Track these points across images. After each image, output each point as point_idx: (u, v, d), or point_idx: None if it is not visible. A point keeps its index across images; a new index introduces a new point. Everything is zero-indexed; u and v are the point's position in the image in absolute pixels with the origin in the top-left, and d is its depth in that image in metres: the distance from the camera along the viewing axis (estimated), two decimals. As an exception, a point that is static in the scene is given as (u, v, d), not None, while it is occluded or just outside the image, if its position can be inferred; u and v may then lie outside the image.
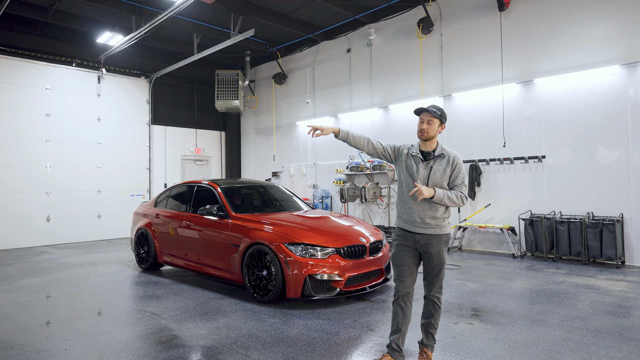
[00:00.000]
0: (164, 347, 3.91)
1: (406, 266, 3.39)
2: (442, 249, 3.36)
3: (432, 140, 3.39)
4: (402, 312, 3.38)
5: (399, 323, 3.38)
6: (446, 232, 3.40)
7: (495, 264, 7.53)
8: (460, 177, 3.36)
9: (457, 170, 3.36)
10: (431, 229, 3.34)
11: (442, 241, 3.37)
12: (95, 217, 11.85)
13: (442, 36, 9.58)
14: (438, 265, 3.35)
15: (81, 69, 11.72)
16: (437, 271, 3.36)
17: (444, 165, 3.36)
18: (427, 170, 3.37)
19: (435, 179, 3.34)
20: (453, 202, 3.32)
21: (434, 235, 3.35)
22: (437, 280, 3.38)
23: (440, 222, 3.36)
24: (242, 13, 9.93)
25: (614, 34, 7.40)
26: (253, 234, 5.50)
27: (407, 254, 3.41)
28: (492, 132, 8.80)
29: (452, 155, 3.39)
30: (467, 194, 3.38)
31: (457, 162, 3.37)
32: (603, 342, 3.84)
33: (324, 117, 12.15)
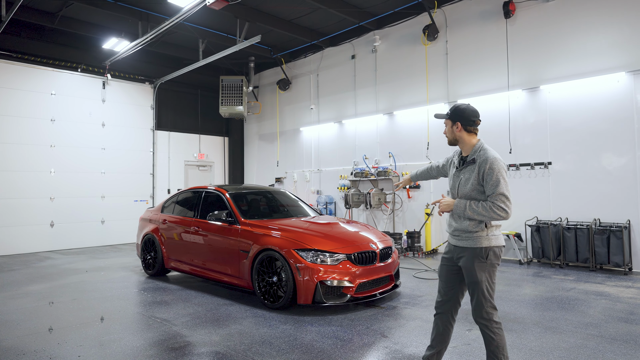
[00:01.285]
0: (178, 353, 3.89)
1: (443, 280, 3.16)
2: (474, 265, 2.89)
3: (460, 143, 3.07)
4: (437, 329, 3.17)
5: (433, 339, 3.18)
6: (480, 245, 2.89)
7: (502, 271, 7.51)
8: (490, 185, 2.83)
9: (488, 176, 2.84)
10: (462, 241, 2.98)
11: (473, 255, 2.91)
12: (99, 223, 11.83)
13: (447, 43, 9.63)
14: (470, 284, 2.94)
15: (86, 75, 11.75)
16: (471, 291, 2.94)
17: (472, 172, 2.94)
18: (458, 178, 3.05)
19: (462, 187, 3.00)
20: (480, 215, 2.83)
21: (466, 248, 2.95)
22: (474, 304, 2.94)
23: (471, 235, 2.93)
24: (248, 19, 9.98)
25: (620, 41, 7.44)
26: (263, 239, 5.49)
27: (446, 266, 3.16)
28: (498, 138, 8.82)
29: (483, 158, 2.90)
30: (505, 204, 2.79)
31: (485, 166, 2.86)
32: (619, 350, 3.83)
33: (328, 122, 12.17)
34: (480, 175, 2.90)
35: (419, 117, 10.13)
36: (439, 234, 9.74)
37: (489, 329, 2.90)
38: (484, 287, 2.89)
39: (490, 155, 2.89)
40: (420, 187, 10.05)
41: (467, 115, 3.02)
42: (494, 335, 2.89)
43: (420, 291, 6.10)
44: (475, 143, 3.02)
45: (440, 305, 3.16)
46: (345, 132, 11.81)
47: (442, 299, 3.16)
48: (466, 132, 3.03)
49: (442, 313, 3.15)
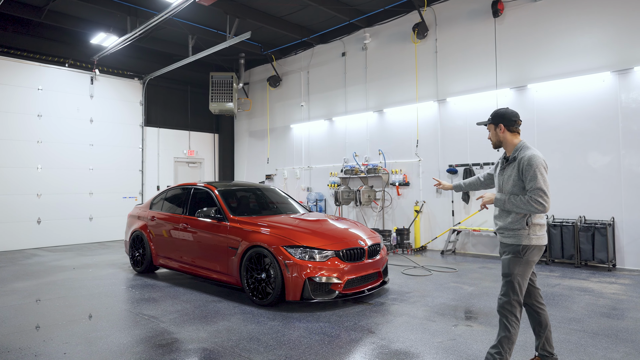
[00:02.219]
0: (165, 350, 3.88)
1: None
2: (509, 258, 3.10)
3: (505, 144, 3.27)
4: (532, 318, 3.29)
5: (534, 329, 3.30)
6: (520, 242, 3.07)
7: (489, 267, 7.61)
8: (529, 179, 2.99)
9: (526, 172, 3.01)
10: (506, 238, 3.16)
11: (513, 251, 3.09)
12: (87, 220, 11.72)
13: (437, 41, 9.68)
14: (503, 274, 3.13)
15: (74, 70, 11.61)
16: (503, 283, 3.12)
17: (513, 170, 3.12)
18: (502, 177, 3.22)
19: (505, 184, 3.17)
20: (518, 207, 3.01)
21: (508, 245, 3.15)
22: (502, 292, 3.11)
23: (514, 232, 3.10)
24: (238, 16, 9.94)
25: (605, 41, 7.55)
26: (251, 236, 5.49)
27: None
28: (487, 136, 8.86)
29: (522, 154, 3.09)
30: (543, 198, 2.93)
31: (523, 163, 3.04)
32: (600, 344, 3.91)
33: (318, 120, 12.18)
34: (520, 171, 3.07)
35: (408, 114, 10.19)
36: (428, 231, 9.82)
37: (508, 321, 3.05)
38: (515, 281, 3.06)
39: (529, 152, 3.07)
40: (410, 185, 10.12)
41: (508, 116, 3.24)
42: (510, 327, 3.04)
43: (409, 287, 6.15)
44: (518, 142, 3.21)
45: (524, 295, 3.25)
46: (336, 130, 11.83)
47: None
48: (509, 132, 3.24)
49: (527, 304, 3.27)
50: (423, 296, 5.68)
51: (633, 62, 7.26)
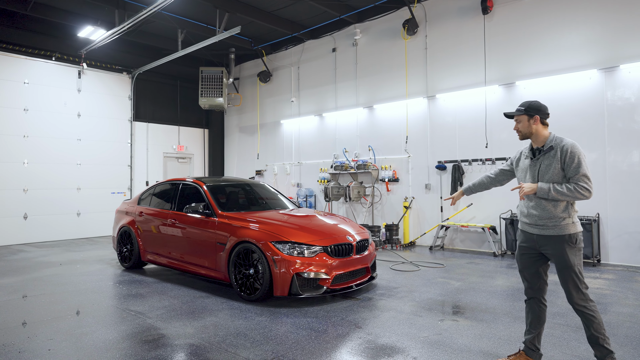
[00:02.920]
0: (151, 346, 3.87)
1: (525, 269, 3.30)
2: (565, 251, 3.05)
3: (535, 136, 3.24)
4: (532, 313, 3.30)
5: (529, 324, 3.31)
6: (568, 232, 3.06)
7: (477, 263, 7.68)
8: (573, 167, 3.02)
9: (569, 160, 3.04)
10: (548, 230, 3.12)
11: (563, 242, 3.06)
12: (75, 215, 11.60)
13: (426, 37, 9.70)
14: (563, 270, 3.07)
15: (61, 64, 11.45)
16: (565, 277, 3.07)
17: (552, 159, 3.13)
18: (537, 167, 3.21)
19: (544, 174, 3.15)
20: (564, 195, 3.01)
21: (552, 237, 3.10)
22: (569, 288, 3.06)
23: (558, 222, 3.08)
24: (228, 10, 9.86)
25: (592, 39, 7.63)
26: (240, 232, 5.48)
27: (526, 255, 3.29)
28: (475, 133, 8.97)
29: (562, 144, 3.11)
30: (588, 184, 2.99)
31: (566, 151, 3.06)
32: (583, 338, 3.96)
33: (308, 115, 12.16)
34: (562, 160, 3.08)
35: (398, 111, 10.21)
36: (417, 227, 9.88)
37: (588, 308, 3.03)
38: (577, 270, 3.06)
39: (569, 141, 3.11)
40: (399, 181, 10.16)
41: (543, 109, 3.25)
42: (593, 314, 3.02)
43: (396, 283, 6.19)
44: (549, 134, 3.23)
45: (529, 292, 3.31)
46: (326, 125, 11.82)
47: (529, 285, 3.31)
48: (542, 124, 3.24)
49: (533, 297, 3.29)
50: (410, 291, 5.72)
51: (619, 60, 7.34)
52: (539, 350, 3.30)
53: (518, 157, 3.44)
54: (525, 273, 3.32)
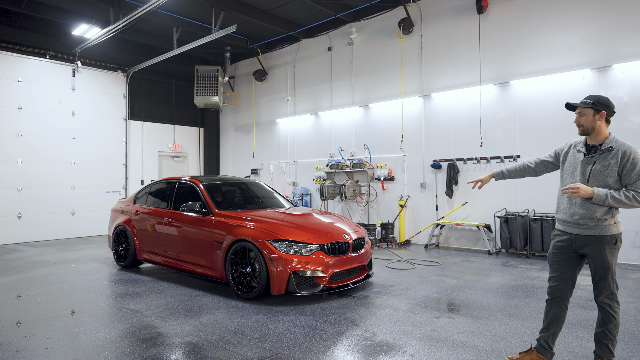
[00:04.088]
0: (149, 344, 3.88)
1: (557, 266, 3.26)
2: (605, 252, 3.04)
3: (595, 132, 3.11)
4: (552, 312, 3.28)
5: (548, 322, 3.29)
6: (609, 233, 3.04)
7: (472, 261, 7.74)
8: (634, 174, 2.94)
9: (631, 166, 2.95)
10: (589, 230, 3.08)
11: (604, 243, 3.04)
12: (69, 214, 11.55)
13: (422, 37, 9.75)
14: (600, 269, 3.07)
15: (55, 62, 11.38)
16: (600, 276, 3.08)
17: (610, 160, 3.02)
18: (590, 165, 3.10)
19: (598, 174, 3.06)
20: (622, 204, 2.97)
21: (593, 237, 3.07)
22: (601, 286, 3.09)
23: (600, 223, 3.05)
24: (224, 8, 9.85)
25: (586, 38, 7.70)
26: (237, 230, 5.49)
27: (561, 254, 3.24)
28: (470, 132, 9.02)
29: (624, 148, 3.00)
30: None
31: (629, 156, 2.96)
32: (576, 334, 4.03)
33: (304, 114, 12.17)
34: (622, 164, 3.00)
35: (393, 109, 10.26)
36: (412, 226, 9.93)
37: (612, 308, 3.07)
38: (613, 270, 3.07)
39: (632, 147, 3.01)
40: (395, 180, 10.21)
41: (612, 106, 3.13)
42: (615, 314, 3.07)
43: (392, 281, 6.23)
44: (609, 134, 3.13)
45: (555, 291, 3.27)
46: (321, 124, 11.84)
47: (556, 284, 3.27)
48: (606, 122, 3.13)
49: (558, 297, 3.26)
50: (406, 289, 5.76)
51: (612, 59, 7.42)
52: (551, 349, 3.30)
53: (567, 150, 3.32)
54: (557, 273, 3.26)
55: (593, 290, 3.17)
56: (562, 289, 3.26)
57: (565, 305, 3.29)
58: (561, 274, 3.26)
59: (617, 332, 3.10)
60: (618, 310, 3.09)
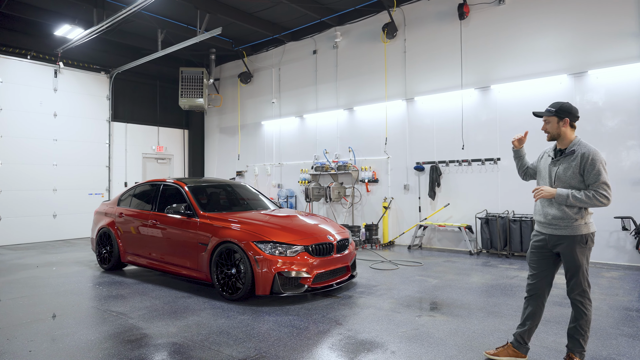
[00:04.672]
0: (134, 345, 3.90)
1: (535, 265, 3.40)
2: (576, 251, 3.19)
3: (561, 138, 3.30)
4: (529, 308, 3.42)
5: (525, 318, 3.43)
6: (580, 232, 3.18)
7: (453, 261, 7.90)
8: (593, 174, 3.11)
9: (590, 166, 3.12)
10: (561, 230, 3.23)
11: (575, 242, 3.19)
12: (51, 217, 11.39)
13: (405, 41, 9.92)
14: (572, 267, 3.22)
15: (37, 62, 11.23)
16: (572, 274, 3.23)
17: (572, 162, 3.21)
18: (555, 168, 3.30)
19: (562, 176, 3.24)
20: (582, 202, 3.11)
21: (565, 237, 3.22)
22: (573, 283, 3.24)
23: (571, 223, 3.19)
24: (209, 11, 9.86)
25: (563, 45, 7.95)
26: (222, 232, 5.53)
27: (538, 253, 3.40)
28: (452, 135, 9.21)
29: (583, 151, 3.17)
30: (607, 192, 3.08)
31: (587, 157, 3.13)
32: (551, 330, 4.18)
33: (289, 117, 12.24)
34: (582, 165, 3.17)
35: (378, 113, 10.40)
36: (396, 227, 10.08)
37: (584, 305, 3.22)
38: (584, 269, 3.22)
39: (591, 148, 3.18)
40: (379, 182, 10.34)
41: (574, 112, 3.30)
42: (586, 311, 3.22)
43: (376, 281, 6.34)
44: (574, 137, 3.30)
45: (533, 289, 3.41)
46: (307, 127, 11.92)
47: (534, 282, 3.41)
48: (570, 127, 3.29)
49: (535, 295, 3.40)
50: (389, 289, 5.87)
51: (588, 65, 7.68)
52: (526, 344, 3.45)
53: (541, 156, 3.55)
54: (535, 271, 3.41)
55: (566, 287, 3.32)
56: (540, 287, 3.41)
57: (542, 302, 3.43)
58: (539, 273, 3.41)
59: (588, 328, 3.25)
60: (590, 307, 3.24)
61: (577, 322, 3.26)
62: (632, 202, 7.25)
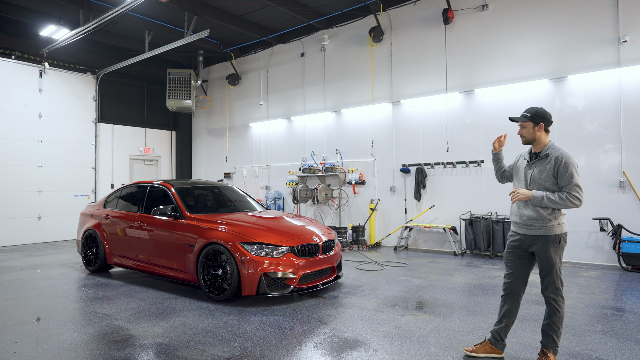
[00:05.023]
0: (120, 346, 3.93)
1: (511, 264, 3.54)
2: (549, 250, 3.32)
3: (536, 142, 3.45)
4: (505, 307, 3.55)
5: (501, 316, 3.56)
6: (553, 232, 3.32)
7: (438, 262, 8.04)
8: (566, 177, 3.25)
9: (563, 169, 3.27)
10: (535, 230, 3.37)
11: (548, 242, 3.33)
12: (35, 219, 11.28)
13: (391, 45, 10.06)
14: (546, 266, 3.34)
15: (21, 62, 11.13)
16: (546, 272, 3.36)
17: (546, 165, 3.35)
18: (530, 171, 3.44)
19: (537, 178, 3.38)
20: (556, 204, 3.25)
21: (539, 237, 3.36)
22: (547, 281, 3.36)
23: (545, 224, 3.33)
24: (197, 13, 9.89)
25: (544, 51, 8.15)
26: (208, 234, 5.58)
27: (514, 253, 3.53)
28: (437, 137, 9.37)
29: (557, 154, 3.32)
30: (579, 194, 3.23)
31: (561, 161, 3.28)
32: (528, 327, 4.32)
33: (277, 119, 12.31)
34: (556, 168, 3.31)
35: (364, 115, 10.52)
36: (383, 228, 10.20)
37: (557, 302, 3.35)
38: (557, 268, 3.35)
39: (564, 152, 3.33)
40: (366, 184, 10.46)
41: (548, 117, 3.44)
42: (559, 307, 3.35)
43: (361, 282, 6.43)
44: (548, 141, 3.45)
45: (510, 287, 3.55)
46: (294, 129, 12.00)
47: (510, 281, 3.55)
48: (545, 132, 3.44)
49: (512, 293, 3.54)
50: (374, 289, 5.97)
51: (567, 71, 7.89)
52: (503, 341, 3.58)
53: (517, 160, 3.70)
54: (511, 270, 3.55)
55: (540, 285, 3.45)
56: (516, 286, 3.54)
57: (518, 300, 3.57)
58: (515, 272, 3.55)
59: (561, 324, 3.38)
60: (562, 304, 3.38)
61: (550, 319, 3.38)
62: (609, 203, 7.47)
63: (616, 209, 7.41)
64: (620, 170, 7.42)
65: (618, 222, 7.29)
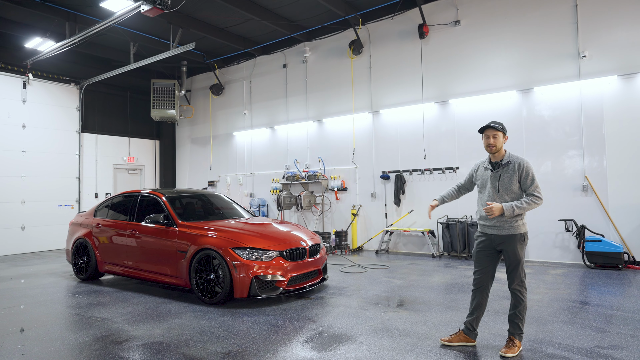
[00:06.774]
0: (123, 346, 4.19)
1: (480, 262, 3.95)
2: (516, 247, 3.76)
3: (499, 152, 3.89)
4: (475, 300, 3.96)
5: (473, 308, 3.96)
6: (519, 231, 3.77)
7: (417, 263, 8.48)
8: (529, 179, 3.74)
9: (526, 174, 3.75)
10: (504, 230, 3.80)
11: (515, 240, 3.77)
12: (19, 229, 11.28)
13: (371, 57, 10.54)
14: (513, 262, 3.78)
15: (5, 73, 11.19)
16: (513, 267, 3.79)
17: (511, 172, 3.80)
18: (497, 178, 3.86)
19: (505, 184, 3.81)
20: (524, 209, 3.69)
21: (508, 236, 3.79)
22: (513, 275, 3.79)
23: (512, 224, 3.77)
24: (182, 26, 10.18)
25: (512, 64, 8.75)
26: (200, 240, 5.86)
27: (483, 251, 3.94)
28: (415, 145, 9.86)
29: (518, 161, 3.80)
30: (540, 193, 3.71)
31: (523, 166, 3.76)
32: (498, 319, 4.76)
33: (260, 128, 12.63)
34: (520, 174, 3.80)
35: (345, 124, 10.96)
36: (364, 233, 10.61)
37: (521, 293, 3.79)
38: (523, 263, 3.82)
39: (523, 159, 3.84)
40: (347, 190, 10.86)
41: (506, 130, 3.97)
42: (523, 298, 3.79)
43: (346, 283, 6.80)
44: (504, 151, 3.93)
45: (479, 282, 3.96)
46: (277, 138, 12.35)
47: (480, 276, 3.97)
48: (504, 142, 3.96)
49: (481, 287, 3.96)
50: (358, 290, 6.35)
51: (533, 83, 8.49)
52: (475, 331, 4.01)
53: (476, 169, 4.13)
54: (480, 267, 3.97)
55: (507, 280, 3.89)
56: (484, 280, 3.98)
57: (487, 293, 4.01)
58: (483, 268, 3.98)
59: (525, 313, 3.84)
60: (526, 295, 3.85)
61: (516, 309, 3.83)
62: (573, 206, 8.05)
63: (580, 210, 8.00)
64: (583, 175, 8.02)
65: (582, 223, 7.87)
